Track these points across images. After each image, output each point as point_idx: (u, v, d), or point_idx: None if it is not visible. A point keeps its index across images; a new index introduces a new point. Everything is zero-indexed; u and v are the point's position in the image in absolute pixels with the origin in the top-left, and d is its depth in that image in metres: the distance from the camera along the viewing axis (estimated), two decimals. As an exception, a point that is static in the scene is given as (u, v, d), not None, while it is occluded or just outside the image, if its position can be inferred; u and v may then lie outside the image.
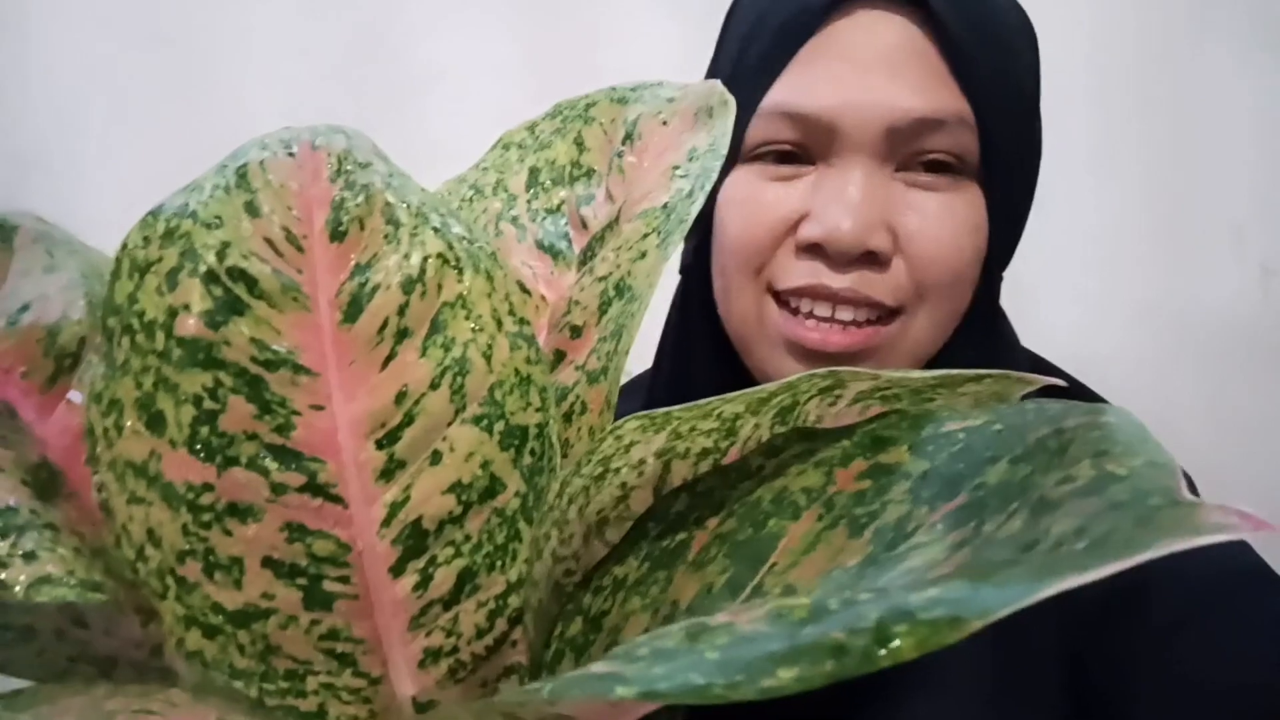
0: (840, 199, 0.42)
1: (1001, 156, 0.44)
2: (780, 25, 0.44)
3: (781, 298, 0.45)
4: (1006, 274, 0.49)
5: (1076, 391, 0.48)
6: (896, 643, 0.16)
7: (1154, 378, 0.80)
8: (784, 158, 0.45)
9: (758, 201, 0.45)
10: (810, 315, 0.45)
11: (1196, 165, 0.82)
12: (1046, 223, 0.49)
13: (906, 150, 0.43)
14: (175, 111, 0.73)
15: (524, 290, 0.40)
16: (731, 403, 0.30)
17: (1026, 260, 0.48)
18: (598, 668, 0.19)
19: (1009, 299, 0.50)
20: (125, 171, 0.74)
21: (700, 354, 0.50)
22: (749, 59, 0.45)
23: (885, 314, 0.45)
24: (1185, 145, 0.82)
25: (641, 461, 0.32)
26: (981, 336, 0.47)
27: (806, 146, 0.44)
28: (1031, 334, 0.52)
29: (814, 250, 0.44)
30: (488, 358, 0.35)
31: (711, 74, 0.52)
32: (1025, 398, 0.31)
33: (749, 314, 0.46)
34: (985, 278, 0.46)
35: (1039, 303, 0.50)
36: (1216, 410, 0.80)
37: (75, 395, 0.33)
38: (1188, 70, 0.81)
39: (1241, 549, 0.40)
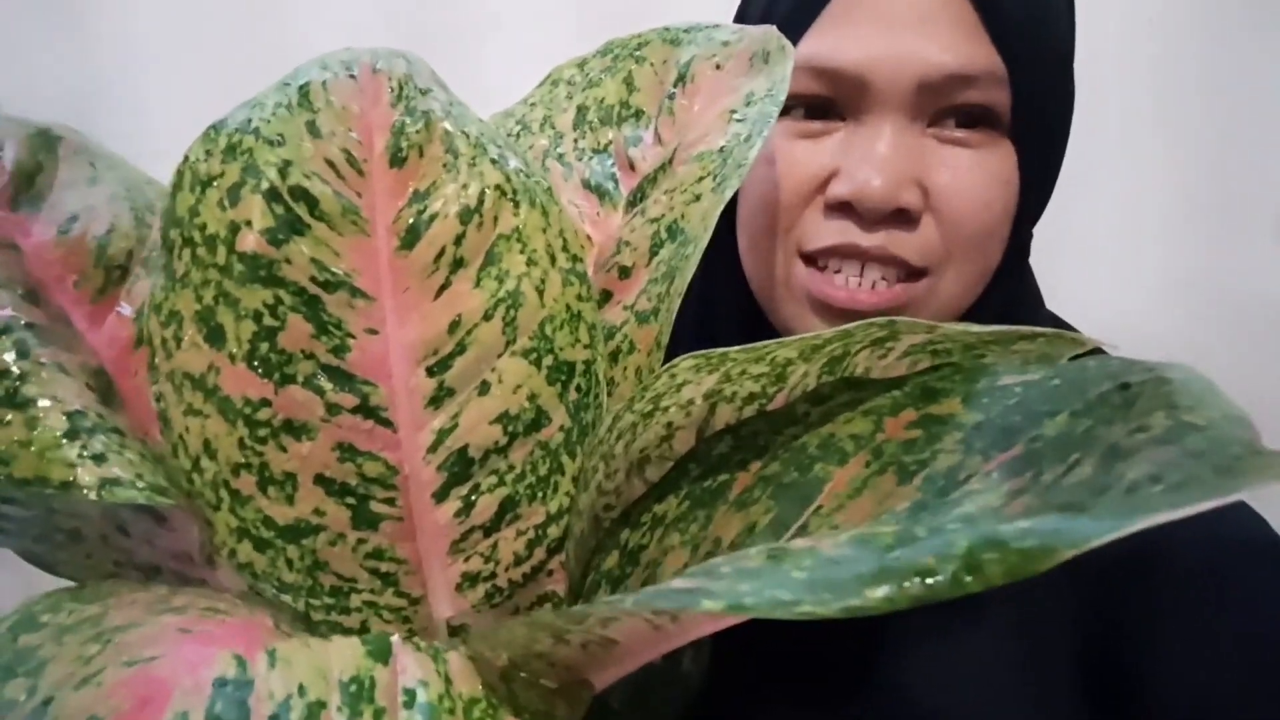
0: (870, 156, 0.42)
1: (1034, 112, 0.44)
2: None
3: (809, 259, 0.45)
4: (1044, 245, 0.49)
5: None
6: (986, 569, 0.16)
7: (1191, 357, 0.80)
8: (812, 113, 0.44)
9: (786, 160, 0.44)
10: (838, 273, 0.45)
11: (1239, 143, 0.81)
12: (1084, 193, 0.49)
13: (938, 105, 0.43)
14: (235, 54, 0.72)
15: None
16: (785, 347, 0.31)
17: (1068, 233, 0.48)
18: (680, 583, 0.19)
19: (1048, 268, 0.50)
20: (185, 108, 0.73)
21: (723, 310, 0.50)
22: (779, 11, 0.45)
23: (913, 273, 0.45)
24: (1229, 123, 0.81)
25: (690, 402, 0.33)
26: (1006, 293, 0.48)
27: (836, 102, 0.44)
28: (1071, 306, 0.52)
29: (843, 209, 0.43)
30: (540, 292, 0.35)
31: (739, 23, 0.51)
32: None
33: (775, 273, 0.46)
34: (1015, 234, 0.46)
35: (1078, 275, 0.49)
36: (1253, 391, 0.80)
37: (124, 307, 0.34)
38: (1241, 51, 0.80)
39: (1259, 525, 0.41)
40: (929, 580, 0.17)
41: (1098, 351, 0.31)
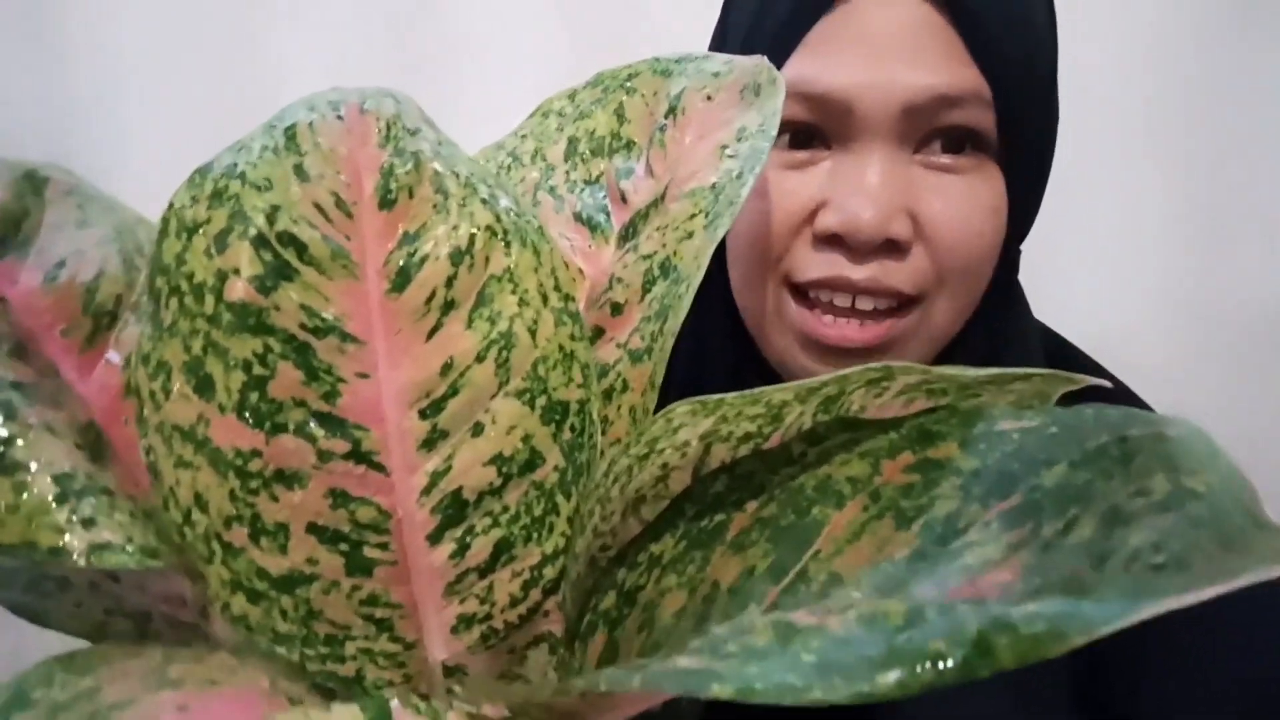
0: (859, 187, 0.42)
1: (1019, 132, 0.44)
2: (794, 2, 0.43)
3: (799, 290, 0.45)
4: (1033, 256, 0.49)
5: (1118, 390, 0.48)
6: (998, 654, 0.16)
7: (1180, 367, 0.81)
8: (797, 140, 0.44)
9: (773, 191, 0.44)
10: (829, 306, 0.44)
11: (1229, 154, 0.82)
12: (1073, 204, 0.49)
13: (924, 129, 0.42)
14: (215, 72, 0.72)
15: (566, 265, 0.40)
16: (782, 391, 0.31)
17: (1058, 242, 0.48)
18: (687, 663, 0.19)
19: (1039, 279, 0.49)
20: (165, 129, 0.73)
21: (715, 344, 0.50)
22: (760, 36, 0.45)
23: (904, 303, 0.44)
24: (1218, 134, 0.82)
25: (685, 443, 0.33)
26: (997, 311, 0.48)
27: (821, 128, 0.44)
28: (1061, 316, 0.52)
29: (832, 240, 0.43)
30: (533, 332, 0.35)
31: (715, 49, 0.51)
32: (1070, 395, 0.32)
33: (766, 306, 0.46)
34: (1004, 255, 0.46)
35: (1068, 285, 0.50)
36: (1242, 402, 0.80)
37: (113, 354, 0.33)
38: (1229, 60, 0.80)
39: None
40: (940, 665, 0.17)
41: (1094, 388, 0.31)
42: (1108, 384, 0.30)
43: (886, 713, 0.41)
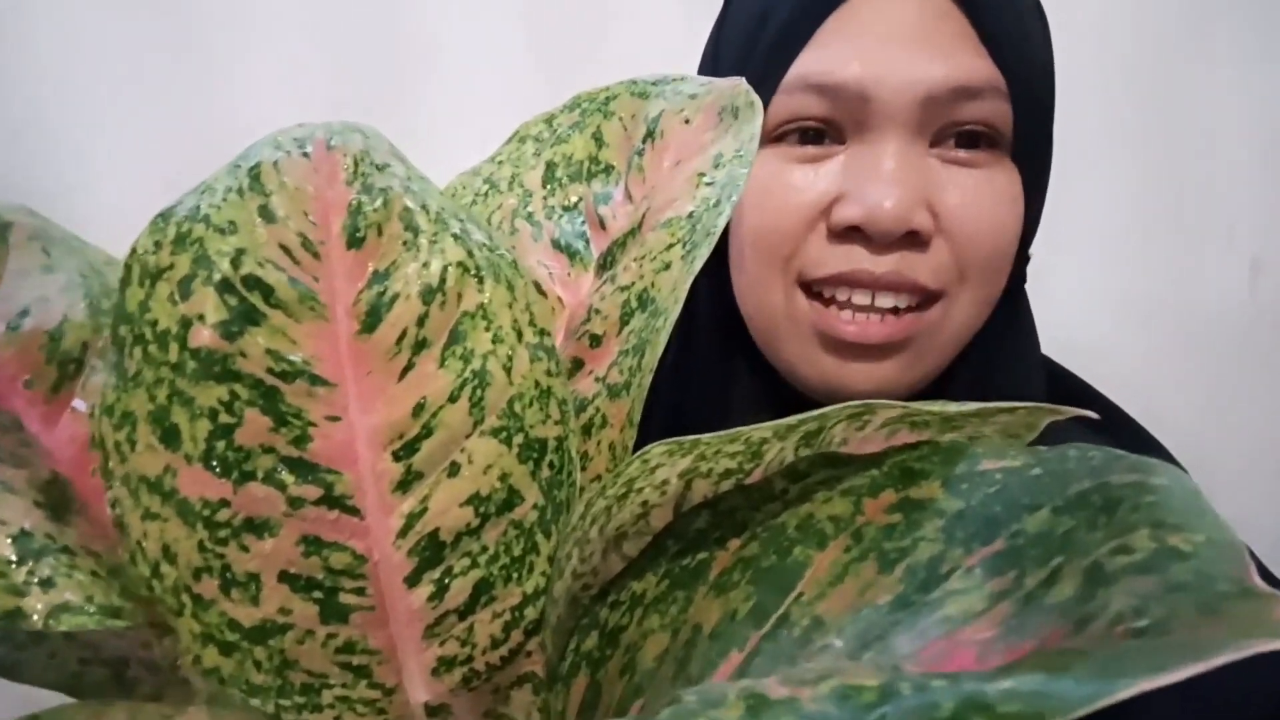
0: (878, 176, 0.41)
1: (1033, 127, 0.43)
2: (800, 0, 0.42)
3: (813, 288, 0.44)
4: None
5: (1106, 412, 0.47)
6: (969, 737, 0.16)
7: (1142, 370, 0.81)
8: (810, 137, 0.43)
9: (785, 186, 0.43)
10: (847, 304, 0.43)
11: (1191, 162, 0.82)
12: (1044, 213, 0.49)
13: (941, 122, 0.41)
14: (172, 86, 0.71)
15: (542, 294, 0.39)
16: (760, 430, 0.30)
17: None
18: (649, 736, 0.18)
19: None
20: (121, 143, 0.72)
21: (705, 351, 0.49)
22: (767, 33, 0.44)
23: (926, 299, 0.43)
24: (1180, 142, 0.82)
25: (665, 482, 0.32)
26: (1005, 327, 0.46)
27: (835, 123, 0.42)
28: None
29: (851, 234, 0.42)
30: (508, 370, 0.34)
31: (714, 52, 0.50)
32: (1055, 426, 0.31)
33: (776, 308, 0.44)
34: (1017, 256, 0.45)
35: (1033, 292, 0.50)
36: (1202, 404, 0.81)
37: (79, 403, 0.32)
38: (1185, 69, 0.81)
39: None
40: (909, 747, 0.16)
41: (1081, 419, 0.30)
42: (1095, 415, 0.29)
43: None
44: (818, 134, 0.43)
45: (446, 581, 0.35)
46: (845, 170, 0.42)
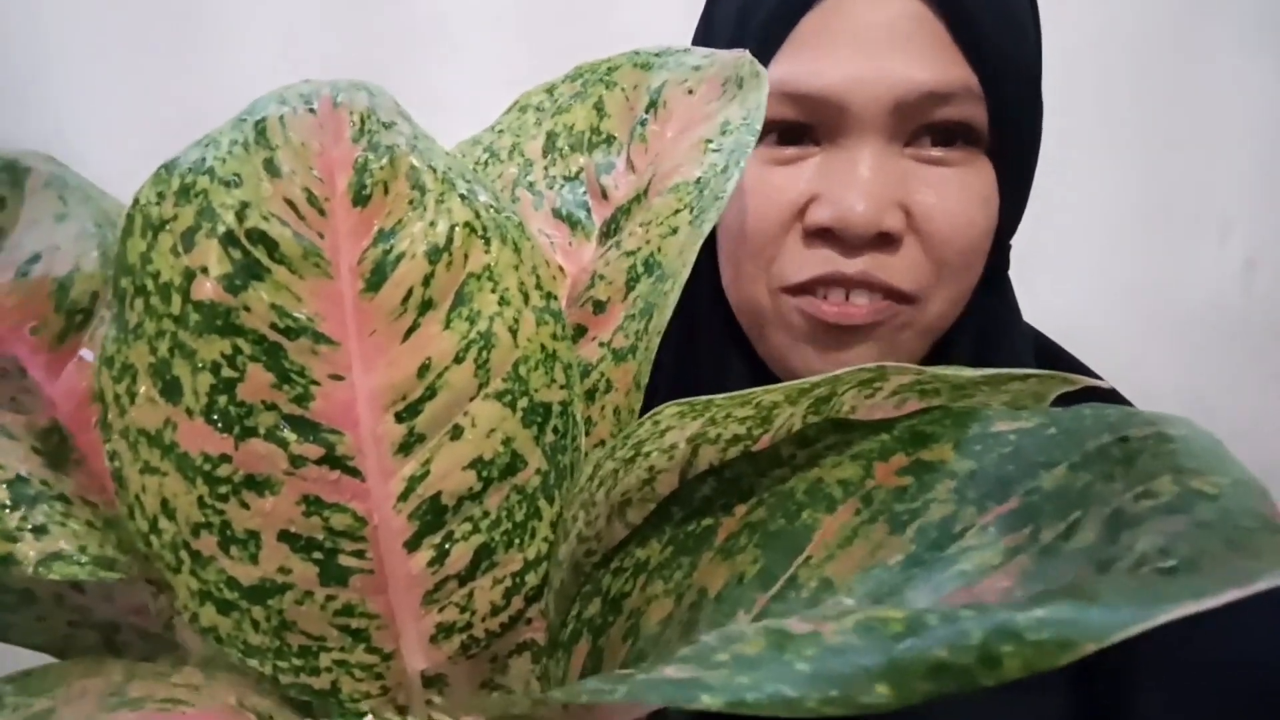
0: (851, 179, 0.42)
1: (1009, 126, 0.43)
2: None
3: (793, 290, 0.45)
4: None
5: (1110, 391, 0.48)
6: (1004, 663, 0.16)
7: (1134, 363, 0.82)
8: (785, 138, 0.43)
9: (763, 187, 0.44)
10: (824, 298, 0.44)
11: (1187, 156, 0.83)
12: (1036, 201, 0.50)
13: (915, 124, 0.42)
14: (165, 50, 0.70)
15: (548, 262, 0.39)
16: (772, 392, 0.30)
17: (1018, 237, 0.49)
18: (674, 672, 0.18)
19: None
20: (111, 106, 0.70)
21: (707, 339, 0.49)
22: (748, 32, 0.44)
23: (901, 298, 0.44)
24: (1177, 136, 0.83)
25: (673, 446, 0.32)
26: (987, 309, 0.47)
27: (811, 126, 0.43)
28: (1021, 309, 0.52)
29: (824, 235, 0.43)
30: (513, 332, 0.34)
31: (699, 44, 0.50)
32: (1064, 397, 0.31)
33: (762, 303, 0.45)
34: (995, 249, 0.46)
35: (1023, 282, 0.50)
36: (1195, 398, 0.82)
37: (86, 353, 0.32)
38: (1183, 63, 0.82)
39: None
40: (942, 675, 0.16)
41: (1094, 389, 0.31)
42: (1104, 384, 0.30)
43: None
44: (795, 134, 0.43)
45: (447, 546, 0.34)
46: (820, 172, 0.43)
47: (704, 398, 0.29)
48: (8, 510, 0.26)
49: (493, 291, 0.34)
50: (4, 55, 0.71)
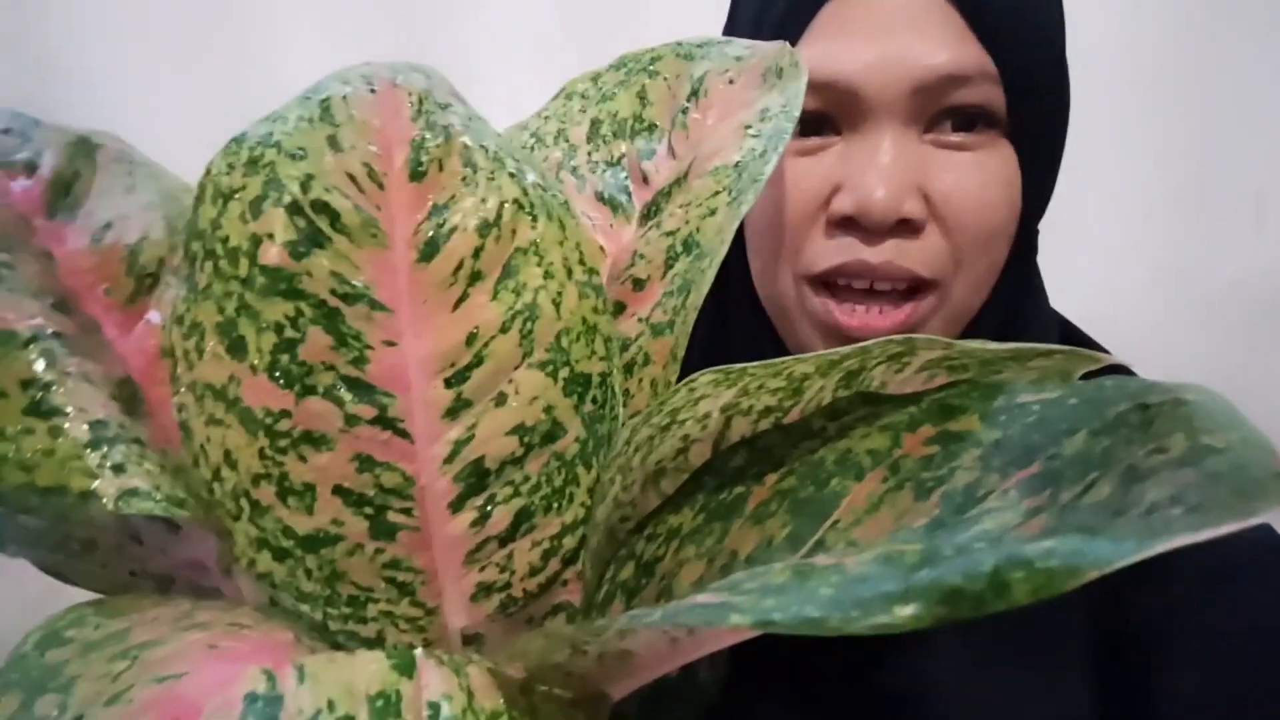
0: (871, 167, 0.42)
1: (1029, 109, 0.44)
2: None
3: (818, 280, 0.45)
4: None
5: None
6: (1013, 589, 0.17)
7: (1167, 343, 0.81)
8: (807, 128, 0.44)
9: (786, 179, 0.44)
10: (848, 291, 0.45)
11: (1221, 138, 0.82)
12: (1069, 184, 0.50)
13: (933, 109, 0.43)
14: (203, 30, 0.72)
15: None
16: (803, 363, 0.31)
17: (1050, 221, 0.49)
18: (705, 598, 0.19)
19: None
20: (154, 89, 0.73)
21: (741, 327, 0.50)
22: (768, 23, 0.45)
23: (923, 285, 0.45)
24: (1210, 118, 0.82)
25: (706, 415, 0.33)
26: (1012, 293, 0.48)
27: (830, 115, 0.44)
28: (1052, 297, 0.53)
29: (846, 224, 0.43)
30: (557, 305, 0.36)
31: (729, 35, 0.51)
32: (1087, 375, 0.32)
33: (788, 296, 0.46)
34: (1021, 232, 0.46)
35: (1058, 266, 0.50)
36: (1229, 378, 0.81)
37: (154, 315, 0.34)
38: (1214, 42, 0.81)
39: (1268, 529, 0.42)
40: (955, 599, 0.17)
41: (1116, 367, 0.31)
42: (1126, 364, 0.31)
43: (907, 681, 0.42)
44: (815, 125, 0.44)
45: (489, 508, 0.36)
46: (841, 161, 0.43)
47: (738, 365, 0.30)
48: (89, 449, 0.28)
49: (538, 265, 0.35)
50: (48, 51, 0.73)
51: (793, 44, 0.43)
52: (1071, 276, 0.51)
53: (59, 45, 0.78)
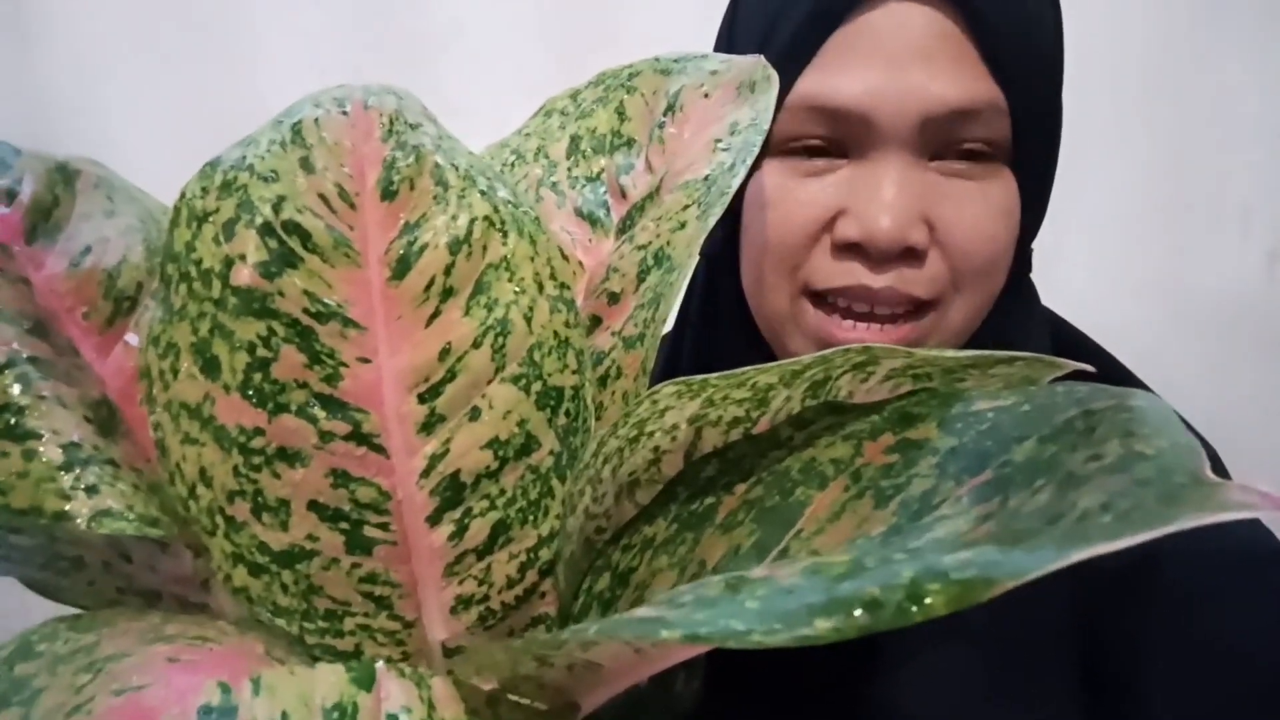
0: (877, 196, 0.42)
1: (1033, 140, 0.44)
2: (808, 12, 0.43)
3: (817, 295, 0.45)
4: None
5: (1106, 367, 0.48)
6: (929, 600, 0.17)
7: (1156, 356, 0.81)
8: (815, 151, 0.44)
9: (791, 199, 0.44)
10: (848, 311, 0.45)
11: (1206, 149, 0.82)
12: (1056, 195, 0.50)
13: (941, 141, 0.43)
14: (190, 61, 0.73)
15: (564, 256, 0.41)
16: (766, 373, 0.31)
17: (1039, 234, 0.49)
18: (642, 612, 0.20)
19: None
20: (143, 112, 0.74)
21: (729, 342, 0.51)
22: (775, 47, 0.45)
23: (922, 306, 0.45)
24: (1195, 128, 0.82)
25: (674, 426, 0.33)
26: (1008, 311, 0.48)
27: (838, 140, 0.44)
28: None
29: (851, 249, 0.43)
30: (528, 319, 0.36)
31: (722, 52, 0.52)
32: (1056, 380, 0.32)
33: (783, 311, 0.46)
34: (1017, 254, 0.46)
35: (1044, 276, 0.51)
36: (1217, 391, 0.81)
37: (132, 337, 0.35)
38: (1199, 54, 0.81)
39: (1259, 533, 0.41)
40: (875, 611, 0.17)
41: (1081, 374, 0.31)
42: (1092, 369, 0.30)
43: (887, 692, 0.42)
44: (822, 149, 0.44)
45: (466, 521, 0.36)
46: (848, 186, 0.43)
47: (699, 377, 0.31)
48: (62, 471, 0.29)
49: (509, 281, 0.36)
50: (34, 69, 0.74)
51: (800, 70, 0.43)
52: (1059, 289, 0.51)
53: (53, 81, 0.80)
